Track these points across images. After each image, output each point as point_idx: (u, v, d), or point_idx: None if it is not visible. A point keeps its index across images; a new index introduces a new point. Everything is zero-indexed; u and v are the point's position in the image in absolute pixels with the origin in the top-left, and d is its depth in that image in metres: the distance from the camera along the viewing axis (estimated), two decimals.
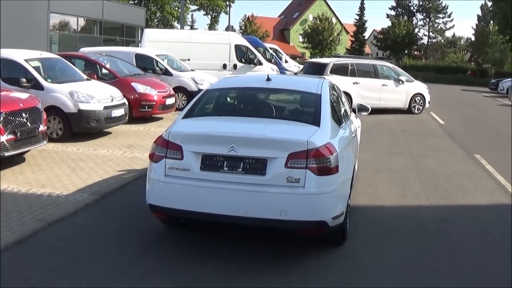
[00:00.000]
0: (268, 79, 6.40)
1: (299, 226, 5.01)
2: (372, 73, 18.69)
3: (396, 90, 18.69)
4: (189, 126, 5.53)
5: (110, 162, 9.14)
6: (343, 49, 71.66)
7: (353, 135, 6.50)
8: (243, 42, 21.80)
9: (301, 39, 72.94)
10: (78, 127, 10.74)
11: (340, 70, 18.28)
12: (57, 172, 8.31)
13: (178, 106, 16.05)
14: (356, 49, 72.04)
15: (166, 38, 21.24)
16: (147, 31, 22.49)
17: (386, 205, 7.49)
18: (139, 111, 13.53)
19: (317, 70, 18.07)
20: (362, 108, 8.24)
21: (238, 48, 21.26)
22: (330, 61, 19.11)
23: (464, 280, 5.08)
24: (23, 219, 6.07)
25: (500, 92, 33.54)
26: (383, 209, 7.30)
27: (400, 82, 18.78)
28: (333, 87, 6.89)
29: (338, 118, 6.13)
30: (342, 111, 6.77)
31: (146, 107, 13.65)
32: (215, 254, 5.41)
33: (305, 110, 6.17)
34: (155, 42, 20.32)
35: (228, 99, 6.64)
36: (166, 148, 5.15)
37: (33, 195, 7.05)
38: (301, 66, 32.79)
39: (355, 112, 8.17)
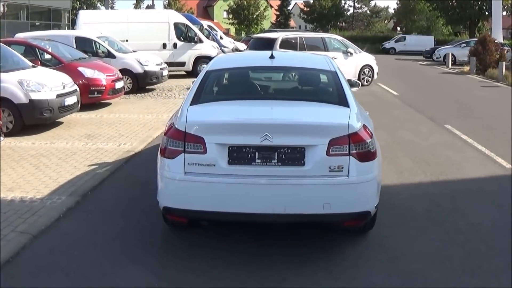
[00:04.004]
0: (272, 56, 5.79)
1: (343, 219, 4.53)
2: (321, 46, 18.32)
3: (345, 62, 18.31)
4: (208, 114, 4.81)
5: (75, 156, 8.25)
6: (268, 23, 71.20)
7: (368, 113, 6.03)
8: (182, 19, 20.95)
9: (225, 15, 71.88)
10: (30, 119, 9.67)
11: (289, 44, 17.73)
12: (21, 171, 7.37)
13: (125, 89, 15.10)
14: (282, 23, 71.72)
15: (102, 19, 19.96)
16: (81, 13, 20.98)
17: (388, 184, 7.08)
18: (89, 98, 12.44)
19: (265, 45, 17.40)
20: (351, 84, 7.77)
21: (176, 26, 20.40)
22: (278, 35, 18.55)
23: (506, 258, 4.77)
24: (3, 232, 5.19)
25: (436, 60, 34.12)
26: (387, 188, 6.84)
27: (349, 54, 18.58)
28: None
29: (354, 96, 5.63)
30: None
31: (96, 92, 12.61)
32: (237, 251, 4.86)
33: (326, 89, 5.57)
34: (91, 24, 19.04)
35: (236, 80, 5.89)
36: (183, 141, 4.44)
37: (3, 201, 6.13)
38: (236, 42, 32.26)
39: None
